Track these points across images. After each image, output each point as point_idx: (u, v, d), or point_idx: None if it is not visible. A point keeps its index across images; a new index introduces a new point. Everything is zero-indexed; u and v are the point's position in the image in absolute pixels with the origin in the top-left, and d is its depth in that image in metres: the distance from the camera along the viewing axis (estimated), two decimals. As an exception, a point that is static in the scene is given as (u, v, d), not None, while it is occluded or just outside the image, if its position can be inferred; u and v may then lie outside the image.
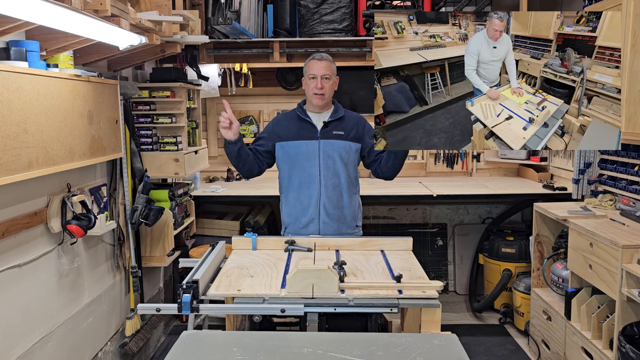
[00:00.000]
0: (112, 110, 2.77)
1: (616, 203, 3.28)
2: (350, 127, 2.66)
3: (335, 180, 2.63)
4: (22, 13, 1.71)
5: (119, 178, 3.06)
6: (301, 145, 2.64)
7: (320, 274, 1.91)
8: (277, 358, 1.51)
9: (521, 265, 3.98)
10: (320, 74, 2.58)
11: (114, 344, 3.11)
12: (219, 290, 1.99)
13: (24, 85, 1.99)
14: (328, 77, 2.59)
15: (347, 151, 2.64)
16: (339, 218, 2.66)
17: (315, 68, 2.59)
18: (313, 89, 2.59)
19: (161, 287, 3.99)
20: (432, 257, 4.75)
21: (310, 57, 2.65)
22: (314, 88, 2.59)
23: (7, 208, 2.13)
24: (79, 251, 2.72)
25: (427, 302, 1.91)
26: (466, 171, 4.75)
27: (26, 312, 2.28)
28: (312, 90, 2.60)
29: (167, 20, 2.74)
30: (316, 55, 2.64)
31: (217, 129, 4.72)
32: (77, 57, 2.59)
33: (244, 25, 3.70)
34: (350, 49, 3.93)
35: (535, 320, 3.45)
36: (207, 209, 4.50)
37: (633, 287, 2.39)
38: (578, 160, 3.62)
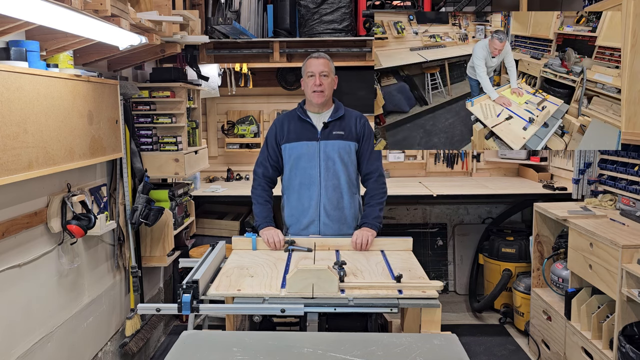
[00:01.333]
0: (112, 110, 2.77)
1: (616, 203, 3.28)
2: (350, 126, 2.65)
3: (335, 182, 2.63)
4: (22, 13, 1.71)
5: (119, 178, 3.06)
6: (302, 146, 2.63)
7: (320, 274, 1.91)
8: (277, 358, 1.51)
9: (521, 265, 3.98)
10: (318, 71, 2.57)
11: (114, 344, 3.11)
12: (219, 290, 1.99)
13: (24, 85, 1.99)
14: (326, 74, 2.58)
15: (347, 151, 2.63)
16: (339, 219, 2.66)
17: (313, 65, 2.58)
18: (312, 86, 2.58)
19: (161, 287, 3.99)
20: (432, 257, 4.75)
21: (308, 56, 2.65)
22: (312, 85, 2.58)
23: (7, 208, 2.13)
24: (79, 251, 2.72)
25: (427, 302, 1.91)
26: (466, 171, 4.75)
27: (26, 312, 2.28)
28: (310, 88, 2.59)
29: (167, 20, 2.74)
30: (313, 54, 2.64)
31: (217, 129, 4.72)
32: (77, 57, 2.59)
33: (244, 25, 3.70)
34: (350, 49, 3.93)
35: (535, 320, 3.45)
36: (207, 209, 4.50)
37: (633, 287, 2.39)
38: (578, 160, 3.62)
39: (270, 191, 2.75)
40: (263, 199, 2.71)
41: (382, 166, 2.72)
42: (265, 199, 2.71)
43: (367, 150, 2.67)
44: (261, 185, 2.73)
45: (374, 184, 2.68)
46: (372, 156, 2.68)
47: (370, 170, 2.68)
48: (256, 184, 2.75)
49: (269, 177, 2.74)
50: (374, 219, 2.59)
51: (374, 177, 2.68)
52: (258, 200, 2.71)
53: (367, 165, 2.68)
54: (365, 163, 2.68)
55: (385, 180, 2.73)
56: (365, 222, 2.60)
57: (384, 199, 2.68)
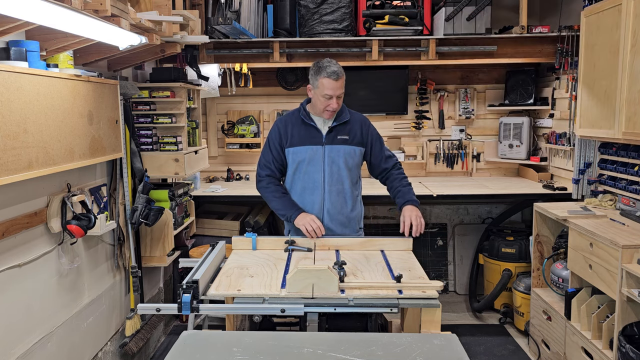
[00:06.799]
0: (112, 110, 2.77)
1: (616, 203, 3.28)
2: (355, 131, 2.63)
3: (339, 187, 2.61)
4: (22, 13, 1.71)
5: (119, 178, 3.06)
6: (307, 150, 2.59)
7: (320, 274, 1.91)
8: (277, 358, 1.51)
9: (521, 265, 3.98)
10: (337, 94, 2.48)
11: (114, 344, 3.11)
12: (219, 290, 1.99)
13: (24, 85, 1.99)
14: (342, 93, 2.52)
15: (351, 156, 2.62)
16: (342, 223, 2.65)
17: (332, 89, 2.46)
18: (328, 107, 2.51)
19: (161, 287, 3.99)
20: (432, 257, 4.75)
21: (323, 70, 2.46)
22: (328, 107, 2.50)
23: (7, 208, 2.13)
24: (79, 251, 2.72)
25: (427, 302, 1.91)
26: (466, 171, 4.75)
27: (26, 312, 2.28)
28: (324, 106, 2.51)
29: (167, 20, 2.73)
30: (330, 72, 2.44)
31: (217, 129, 4.72)
32: (77, 57, 2.59)
33: (244, 25, 3.70)
34: (350, 49, 3.93)
35: (535, 320, 3.45)
36: (207, 209, 4.50)
37: (633, 287, 2.39)
38: (578, 160, 3.62)
39: (283, 186, 2.68)
40: (279, 192, 2.62)
41: (397, 158, 2.75)
42: (282, 192, 2.62)
43: (380, 151, 2.69)
44: (272, 182, 2.65)
45: (397, 171, 2.70)
46: (387, 154, 2.72)
47: (388, 166, 2.71)
48: (265, 182, 2.65)
49: (275, 178, 2.68)
50: (414, 198, 2.60)
51: (397, 166, 2.72)
52: (275, 195, 2.60)
53: (387, 163, 2.70)
54: (385, 163, 2.70)
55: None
56: (408, 199, 2.58)
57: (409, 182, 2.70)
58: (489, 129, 4.73)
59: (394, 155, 2.76)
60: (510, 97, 4.51)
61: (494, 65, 4.51)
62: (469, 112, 4.66)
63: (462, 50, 3.89)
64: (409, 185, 2.66)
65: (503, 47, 3.91)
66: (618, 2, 2.83)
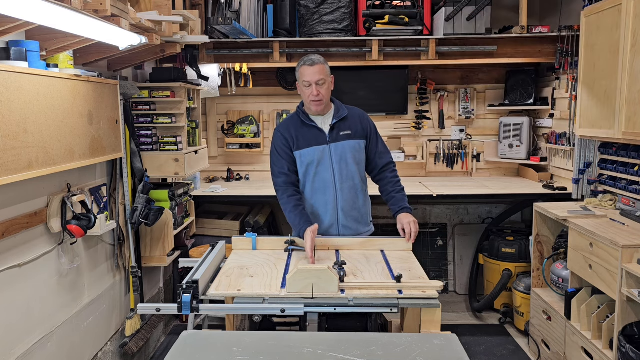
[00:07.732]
0: (112, 110, 2.77)
1: (616, 203, 3.28)
2: (356, 125, 2.63)
3: (350, 183, 2.61)
4: (22, 13, 1.71)
5: (119, 178, 3.06)
6: (314, 152, 2.57)
7: (320, 274, 1.91)
8: (277, 358, 1.51)
9: (521, 265, 3.98)
10: (314, 80, 2.47)
11: (114, 344, 3.11)
12: (219, 290, 1.99)
13: (24, 85, 1.99)
14: (323, 81, 2.49)
15: (358, 151, 2.62)
16: (356, 218, 2.65)
17: (309, 75, 2.48)
18: (310, 96, 2.51)
19: (161, 287, 3.99)
20: (432, 257, 4.75)
21: (301, 61, 2.52)
22: (310, 95, 2.50)
23: (7, 208, 2.13)
24: (79, 251, 2.72)
25: (427, 302, 1.91)
26: (466, 171, 4.75)
27: (26, 312, 2.28)
28: (308, 97, 2.52)
29: (167, 20, 2.73)
30: (307, 60, 2.51)
31: (217, 129, 4.72)
32: (77, 57, 2.59)
33: (244, 25, 3.70)
34: (350, 49, 3.93)
35: (535, 320, 3.45)
36: (207, 209, 4.50)
37: (633, 287, 2.39)
38: (578, 160, 3.62)
39: (299, 194, 2.60)
40: (293, 203, 2.53)
41: (391, 156, 2.74)
42: (296, 202, 2.53)
43: (376, 145, 2.68)
44: (287, 193, 2.56)
45: (391, 174, 2.69)
46: (384, 149, 2.71)
47: (385, 163, 2.69)
48: (282, 194, 2.56)
49: (291, 183, 2.60)
50: (407, 204, 2.60)
51: (390, 167, 2.70)
52: (287, 207, 2.53)
53: (381, 159, 2.69)
54: (379, 158, 2.68)
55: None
56: (403, 206, 2.58)
57: (403, 187, 2.70)
58: (489, 129, 4.73)
59: (389, 153, 2.73)
60: (510, 97, 4.51)
61: (494, 65, 4.51)
62: (469, 112, 4.66)
63: (462, 50, 3.89)
64: (402, 191, 2.66)
65: (503, 47, 3.91)
66: (618, 2, 2.83)
